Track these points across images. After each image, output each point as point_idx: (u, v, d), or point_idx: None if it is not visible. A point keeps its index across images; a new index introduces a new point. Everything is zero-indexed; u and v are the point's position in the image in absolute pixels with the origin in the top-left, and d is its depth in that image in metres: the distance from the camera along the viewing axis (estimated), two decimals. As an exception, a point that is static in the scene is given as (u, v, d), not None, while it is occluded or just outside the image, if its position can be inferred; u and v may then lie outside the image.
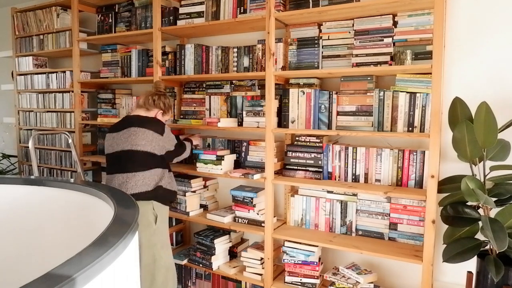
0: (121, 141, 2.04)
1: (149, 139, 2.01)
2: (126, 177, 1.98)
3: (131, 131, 2.02)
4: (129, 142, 2.00)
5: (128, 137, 2.01)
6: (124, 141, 2.02)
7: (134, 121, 2.06)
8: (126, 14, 2.86)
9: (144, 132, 2.01)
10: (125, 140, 2.02)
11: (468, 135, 1.66)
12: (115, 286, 0.66)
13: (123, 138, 2.03)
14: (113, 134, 2.10)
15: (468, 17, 1.95)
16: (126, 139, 2.02)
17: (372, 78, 2.05)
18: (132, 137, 2.00)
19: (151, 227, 2.00)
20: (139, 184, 1.97)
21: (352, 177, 2.15)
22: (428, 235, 1.81)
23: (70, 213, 1.18)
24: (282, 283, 2.25)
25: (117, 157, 2.04)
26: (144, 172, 1.99)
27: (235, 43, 2.64)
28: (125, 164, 1.99)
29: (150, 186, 1.99)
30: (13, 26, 3.59)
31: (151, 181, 2.00)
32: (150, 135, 2.01)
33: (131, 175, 1.97)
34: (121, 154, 2.02)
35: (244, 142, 2.48)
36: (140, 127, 2.02)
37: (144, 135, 2.00)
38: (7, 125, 4.18)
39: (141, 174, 1.98)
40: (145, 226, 1.98)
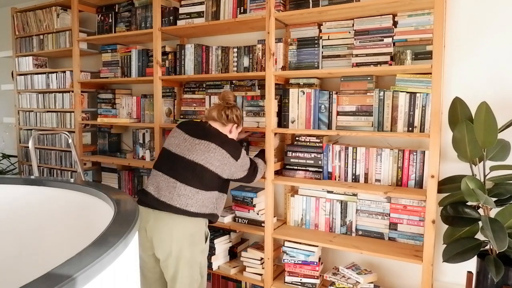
0: (195, 150, 1.88)
1: (224, 162, 1.89)
2: (190, 191, 1.84)
3: (210, 147, 1.88)
4: (205, 158, 1.86)
5: (206, 152, 1.87)
6: (201, 154, 1.87)
7: (215, 136, 1.93)
8: (126, 14, 2.86)
9: (222, 154, 1.88)
10: (201, 154, 1.87)
11: (468, 135, 1.66)
12: (115, 286, 0.66)
13: (199, 149, 1.88)
14: (186, 136, 1.95)
15: (468, 17, 1.95)
16: (204, 153, 1.87)
17: (372, 78, 2.05)
18: (210, 154, 1.87)
19: (201, 245, 1.89)
20: (199, 203, 1.85)
21: (352, 177, 2.15)
22: (428, 235, 1.81)
23: (70, 213, 1.18)
24: (282, 283, 2.25)
25: (183, 164, 1.87)
26: (207, 192, 1.88)
27: (235, 43, 2.64)
28: (191, 176, 1.85)
29: (207, 209, 1.89)
30: (13, 26, 3.59)
31: (209, 203, 1.90)
32: (226, 159, 1.89)
33: (195, 191, 1.84)
34: (190, 164, 1.87)
35: (244, 142, 2.48)
36: (220, 147, 1.89)
37: (221, 157, 1.88)
38: (7, 125, 4.18)
39: (203, 193, 1.86)
40: (197, 243, 1.87)
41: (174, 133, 2.01)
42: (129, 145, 3.23)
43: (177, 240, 1.81)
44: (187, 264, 1.85)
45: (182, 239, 1.82)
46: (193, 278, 1.87)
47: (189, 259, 1.85)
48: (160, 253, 1.85)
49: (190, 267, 1.86)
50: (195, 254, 1.87)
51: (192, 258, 1.86)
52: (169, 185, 1.85)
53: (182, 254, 1.83)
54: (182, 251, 1.83)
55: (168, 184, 1.86)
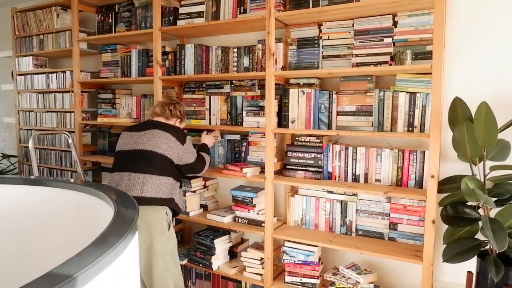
0: (142, 140, 1.99)
1: (171, 145, 1.98)
2: (144, 177, 1.91)
3: (155, 132, 1.99)
4: (152, 143, 1.96)
5: (152, 137, 1.97)
6: (146, 141, 1.97)
7: (158, 124, 2.04)
8: (126, 14, 2.86)
9: (167, 137, 1.98)
10: (147, 140, 1.97)
11: (468, 135, 1.66)
12: (115, 286, 0.66)
13: (145, 138, 1.99)
14: (132, 133, 2.06)
15: (468, 17, 1.95)
16: (149, 139, 1.97)
17: (372, 78, 2.05)
18: (155, 138, 1.97)
19: (165, 233, 1.94)
20: (154, 188, 1.91)
21: (352, 177, 2.15)
22: (428, 235, 1.81)
23: (70, 213, 1.18)
24: (282, 283, 2.25)
25: (133, 156, 1.97)
26: (160, 177, 1.94)
27: (235, 43, 2.64)
28: (143, 164, 1.93)
29: (164, 194, 1.94)
30: (13, 26, 3.59)
31: (165, 189, 1.95)
32: (172, 142, 1.99)
33: (148, 177, 1.91)
34: (139, 153, 1.96)
35: (244, 142, 2.48)
36: (164, 131, 2.00)
37: (167, 140, 1.97)
38: (7, 125, 4.18)
39: (157, 178, 1.93)
40: (159, 231, 1.91)
41: (122, 136, 2.11)
42: (129, 145, 3.23)
43: (141, 232, 1.87)
44: (158, 255, 1.90)
45: (145, 230, 1.88)
46: (167, 267, 1.93)
47: (159, 249, 1.90)
48: None
49: (162, 257, 1.92)
50: (162, 243, 1.92)
51: (161, 247, 1.91)
52: (123, 179, 1.93)
53: (149, 245, 1.89)
54: (149, 243, 1.89)
55: (123, 178, 1.94)
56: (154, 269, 1.90)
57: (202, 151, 2.28)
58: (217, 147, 2.60)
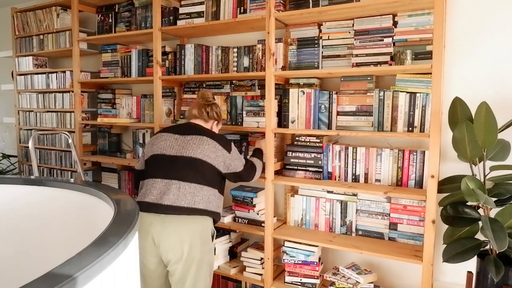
0: (190, 146, 1.84)
1: (218, 153, 1.86)
2: (194, 188, 1.78)
3: (203, 140, 1.85)
4: (201, 151, 1.82)
5: (200, 145, 1.84)
6: (196, 148, 1.83)
7: (204, 131, 1.91)
8: (126, 14, 2.86)
9: (215, 145, 1.86)
10: (196, 148, 1.83)
11: (468, 135, 1.66)
12: (115, 286, 0.66)
13: (193, 144, 1.84)
14: (175, 136, 1.90)
15: (468, 17, 1.95)
16: (198, 146, 1.83)
17: (372, 78, 2.05)
18: (204, 146, 1.84)
19: (208, 244, 1.84)
20: (205, 199, 1.80)
21: (352, 177, 2.15)
22: (428, 235, 1.81)
23: (70, 213, 1.18)
24: (282, 283, 2.25)
25: (182, 163, 1.82)
26: (210, 188, 1.83)
27: (235, 43, 2.64)
28: (193, 173, 1.80)
29: (213, 206, 1.84)
30: (13, 26, 3.59)
31: (214, 202, 1.85)
32: (219, 150, 1.87)
33: (199, 187, 1.79)
34: (189, 161, 1.81)
35: (244, 142, 2.48)
36: (211, 139, 1.87)
37: (214, 148, 1.85)
38: (7, 125, 4.18)
39: (207, 189, 1.82)
40: (204, 241, 1.81)
41: (161, 137, 1.93)
42: (129, 145, 3.23)
43: (187, 242, 1.76)
44: (196, 264, 1.80)
45: (191, 240, 1.77)
46: (200, 277, 1.83)
47: (198, 259, 1.80)
48: (170, 257, 1.77)
49: (199, 267, 1.81)
50: (204, 253, 1.82)
51: (201, 257, 1.81)
52: (171, 187, 1.78)
53: (192, 255, 1.78)
54: (193, 252, 1.78)
55: (170, 186, 1.79)
56: (190, 278, 1.80)
57: (255, 156, 2.16)
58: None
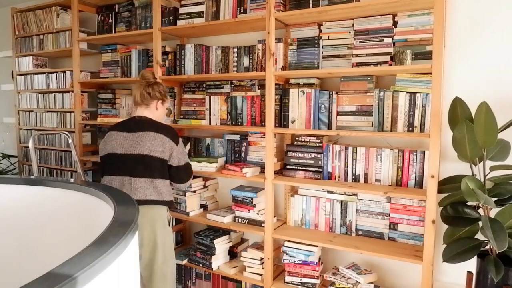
0: (138, 144, 1.92)
1: (166, 146, 1.93)
2: (144, 182, 1.89)
3: (149, 135, 1.93)
4: (148, 147, 1.90)
5: (147, 141, 1.92)
6: (143, 145, 1.91)
7: (149, 125, 1.97)
8: (126, 14, 2.86)
9: (161, 139, 1.93)
10: (143, 144, 1.91)
11: (468, 135, 1.66)
12: (115, 286, 0.66)
13: (140, 141, 1.92)
14: (124, 134, 1.97)
15: (468, 17, 1.95)
16: (145, 143, 1.91)
17: (372, 78, 2.05)
18: (151, 141, 1.91)
19: (166, 228, 1.97)
20: (157, 191, 1.91)
21: (352, 177, 2.15)
22: (428, 235, 1.81)
23: (70, 213, 1.18)
24: (282, 283, 2.25)
25: (132, 160, 1.91)
26: (161, 180, 1.93)
27: (235, 43, 2.64)
28: (144, 169, 1.89)
29: (166, 196, 1.95)
30: (13, 26, 3.59)
31: (166, 191, 1.96)
32: (166, 142, 1.94)
33: (149, 181, 1.90)
34: (138, 157, 1.90)
35: (244, 142, 2.48)
36: (157, 133, 1.94)
37: (161, 141, 1.93)
38: (7, 125, 4.18)
39: (158, 182, 1.92)
40: (162, 226, 1.94)
41: (112, 137, 2.00)
42: (129, 145, 3.23)
43: (147, 229, 1.90)
44: (160, 247, 1.94)
45: (150, 226, 1.91)
46: (166, 258, 1.97)
47: (161, 241, 1.94)
48: None
49: (163, 248, 1.95)
50: (164, 235, 1.96)
51: (162, 240, 1.95)
52: (125, 184, 1.91)
53: (154, 240, 1.92)
54: (153, 237, 1.92)
55: (124, 183, 1.91)
56: (156, 261, 1.95)
57: None
58: (217, 147, 2.60)
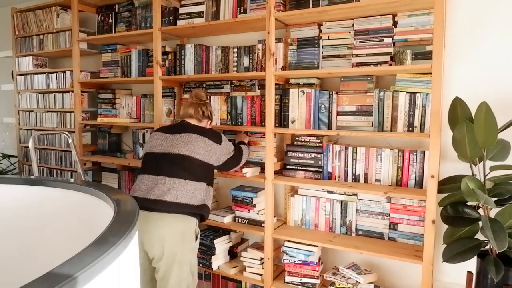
0: (178, 144, 1.93)
1: (208, 148, 1.95)
2: (179, 183, 1.86)
3: (192, 137, 1.94)
4: (189, 148, 1.91)
5: (189, 142, 1.93)
6: (183, 146, 1.92)
7: (194, 128, 2.00)
8: (126, 14, 2.86)
9: (205, 141, 1.95)
10: (184, 145, 1.92)
11: (468, 135, 1.66)
12: (115, 286, 0.66)
13: (181, 142, 1.93)
14: (166, 135, 2.00)
15: (468, 17, 1.95)
16: (186, 144, 1.92)
17: (372, 78, 2.05)
18: (193, 143, 1.92)
19: (191, 244, 1.89)
20: (189, 194, 1.86)
21: (352, 177, 2.15)
22: (428, 235, 1.81)
23: (70, 213, 1.18)
24: (282, 283, 2.25)
25: (169, 160, 1.90)
26: (196, 183, 1.89)
27: (235, 43, 2.64)
28: (178, 169, 1.88)
29: (197, 200, 1.89)
30: (13, 26, 3.59)
31: (199, 195, 1.90)
32: (209, 145, 1.96)
33: (184, 182, 1.86)
34: (175, 157, 1.90)
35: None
36: (200, 135, 1.96)
37: (204, 144, 1.94)
38: (7, 125, 4.18)
39: (192, 184, 1.88)
40: (187, 241, 1.87)
41: (154, 136, 2.05)
42: (129, 145, 3.24)
43: (168, 240, 1.82)
44: (177, 263, 1.85)
45: (173, 238, 1.83)
46: (183, 276, 1.88)
47: (180, 258, 1.85)
48: (152, 254, 1.85)
49: (180, 266, 1.86)
50: (185, 252, 1.87)
51: (182, 257, 1.86)
52: (157, 183, 1.87)
53: (174, 254, 1.84)
54: (173, 250, 1.83)
55: (157, 182, 1.87)
56: (173, 277, 1.85)
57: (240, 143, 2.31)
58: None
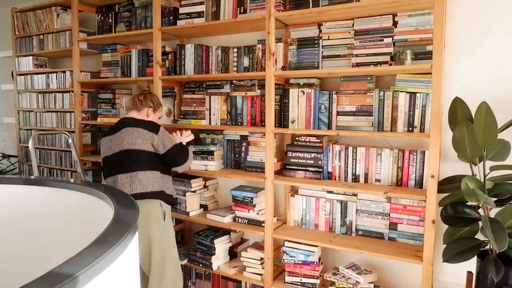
0: (118, 141, 2.04)
1: (145, 137, 2.01)
2: (130, 176, 1.97)
3: (127, 131, 2.03)
4: (127, 142, 2.01)
5: (125, 136, 2.02)
6: (122, 142, 2.02)
7: (129, 122, 2.08)
8: (126, 14, 2.86)
9: (139, 131, 2.02)
10: (122, 140, 2.02)
11: (468, 135, 1.66)
12: (115, 286, 0.66)
13: (119, 138, 2.04)
14: (109, 137, 2.11)
15: (468, 17, 1.95)
16: (123, 139, 2.02)
17: (372, 78, 2.05)
18: (129, 136, 2.01)
19: (160, 223, 2.01)
20: (143, 183, 1.97)
21: (352, 177, 2.15)
22: (428, 235, 1.81)
23: (70, 213, 1.18)
24: (282, 283, 2.25)
25: (116, 158, 2.03)
26: (146, 172, 1.99)
27: (235, 43, 2.64)
28: (125, 164, 1.99)
29: (154, 187, 2.00)
30: (13, 26, 3.59)
31: (154, 182, 2.00)
32: (145, 134, 2.02)
33: (134, 174, 1.97)
34: (120, 154, 2.02)
35: (244, 142, 2.48)
36: (134, 127, 2.03)
37: (139, 134, 2.01)
38: (7, 125, 4.18)
39: (143, 173, 1.98)
40: (155, 222, 1.99)
41: (102, 142, 2.16)
42: (129, 145, 3.23)
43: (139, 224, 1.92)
44: (155, 244, 1.97)
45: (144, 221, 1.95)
46: (165, 255, 2.01)
47: (155, 238, 1.97)
48: None
49: (159, 246, 1.99)
50: (158, 232, 1.99)
51: (156, 237, 1.98)
52: (115, 182, 2.00)
53: (147, 237, 1.96)
54: (145, 233, 1.96)
55: (114, 181, 2.01)
56: (152, 258, 1.97)
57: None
58: (217, 147, 2.60)
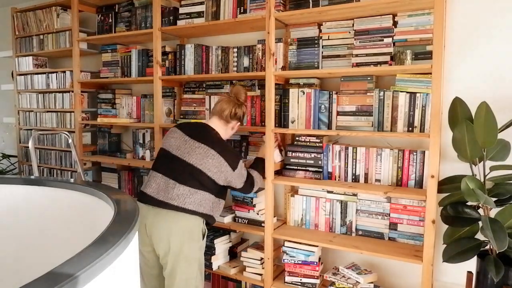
0: (194, 154, 1.89)
1: (221, 169, 1.89)
2: (188, 191, 1.85)
3: (210, 153, 1.89)
4: (203, 163, 1.87)
5: (205, 157, 1.88)
6: (199, 158, 1.88)
7: (216, 142, 1.94)
8: (126, 14, 2.86)
9: (220, 161, 1.89)
10: (200, 158, 1.88)
11: (468, 135, 1.66)
12: (115, 286, 0.66)
13: (198, 153, 1.89)
14: (186, 137, 1.95)
15: (468, 17, 1.95)
16: (202, 157, 1.88)
17: (372, 78, 2.05)
18: (209, 159, 1.88)
19: (199, 242, 1.91)
20: (197, 202, 1.86)
21: (352, 177, 2.15)
22: (428, 235, 1.81)
23: (70, 213, 1.18)
24: (282, 283, 2.25)
25: (182, 166, 1.89)
26: (204, 193, 1.88)
27: (235, 43, 2.64)
28: (190, 178, 1.87)
29: (204, 209, 1.89)
30: (13, 26, 3.59)
31: (207, 205, 1.90)
32: (223, 167, 1.90)
33: (193, 191, 1.86)
34: (189, 167, 1.88)
35: (244, 142, 2.48)
36: (219, 154, 1.89)
37: (218, 164, 1.89)
38: (7, 125, 4.18)
39: (201, 193, 1.87)
40: (195, 239, 1.88)
41: (173, 134, 2.00)
42: (129, 145, 3.23)
43: (175, 236, 1.84)
44: (185, 261, 1.86)
45: (180, 235, 1.85)
46: (191, 274, 1.89)
47: (187, 255, 1.86)
48: (159, 249, 1.87)
49: (188, 263, 1.87)
50: (193, 250, 1.88)
51: (190, 254, 1.87)
52: (168, 186, 1.88)
53: (180, 250, 1.85)
54: (180, 247, 1.85)
55: (167, 185, 1.88)
56: (180, 274, 1.86)
57: (256, 168, 2.16)
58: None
